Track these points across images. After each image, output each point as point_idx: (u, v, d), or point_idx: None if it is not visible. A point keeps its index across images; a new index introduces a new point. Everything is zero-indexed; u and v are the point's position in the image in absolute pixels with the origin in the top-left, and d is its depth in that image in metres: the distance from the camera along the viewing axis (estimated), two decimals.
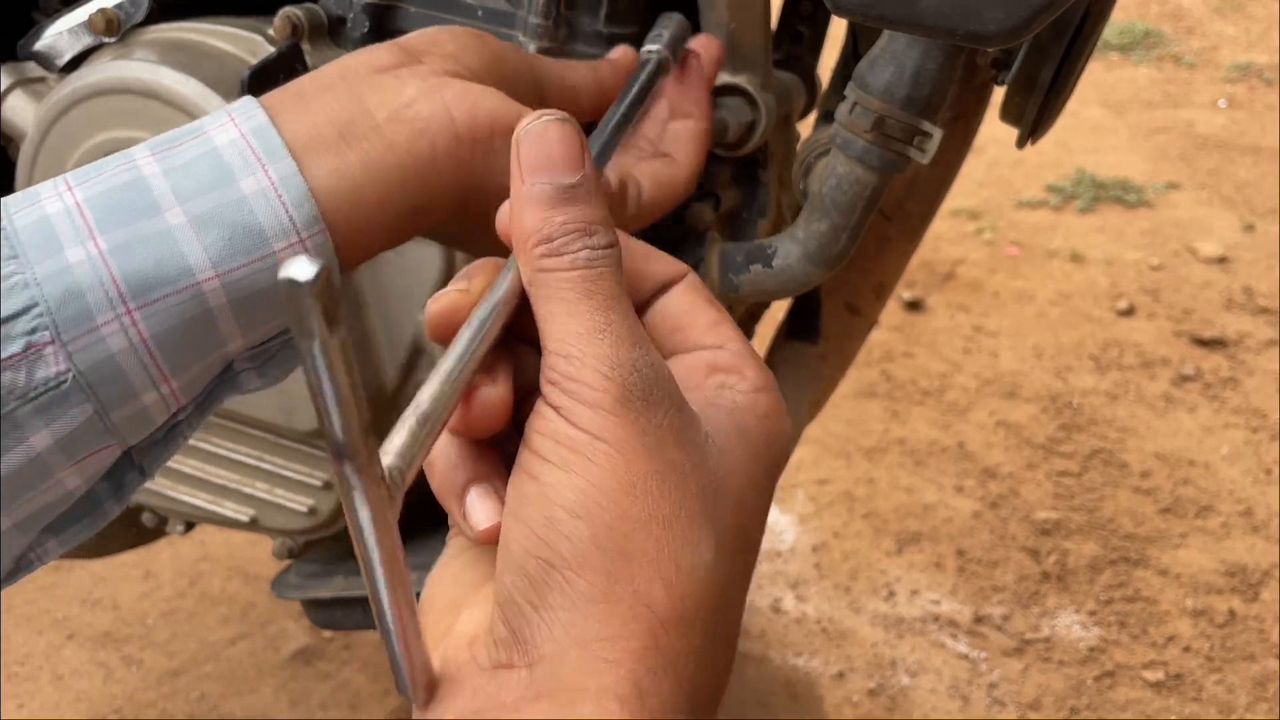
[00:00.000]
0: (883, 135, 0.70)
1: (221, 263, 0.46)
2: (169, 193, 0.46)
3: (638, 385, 0.40)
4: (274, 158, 0.48)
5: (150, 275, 0.45)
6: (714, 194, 0.85)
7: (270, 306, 0.48)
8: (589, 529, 0.39)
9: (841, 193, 0.73)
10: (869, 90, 0.70)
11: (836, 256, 0.76)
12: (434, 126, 0.51)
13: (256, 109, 0.50)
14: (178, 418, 0.50)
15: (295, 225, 0.47)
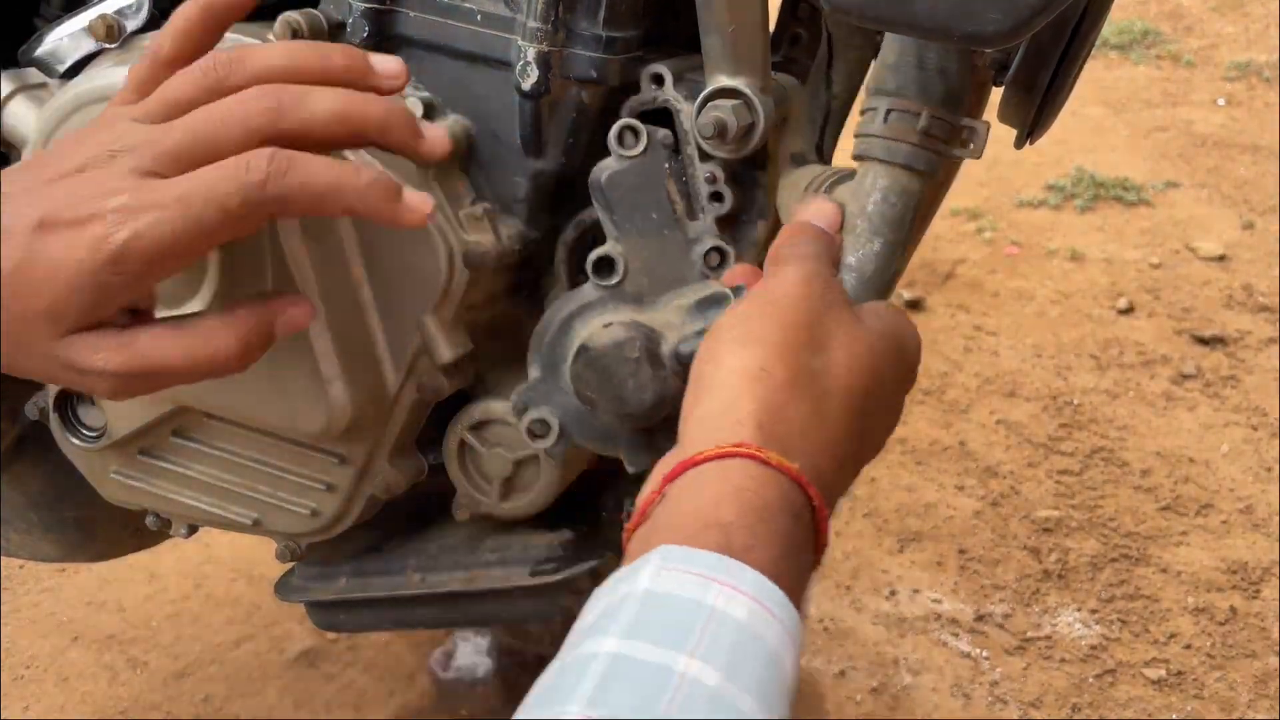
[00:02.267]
0: (929, 137, 0.69)
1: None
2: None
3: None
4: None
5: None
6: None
7: None
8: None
9: (890, 206, 0.71)
10: (903, 93, 0.69)
11: (894, 277, 0.73)
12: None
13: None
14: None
15: None
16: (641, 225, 0.75)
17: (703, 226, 0.79)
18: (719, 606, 0.48)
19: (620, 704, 0.44)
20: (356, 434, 0.89)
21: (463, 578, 0.98)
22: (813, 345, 0.61)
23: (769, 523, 0.53)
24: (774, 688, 0.47)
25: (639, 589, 0.49)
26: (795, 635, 0.50)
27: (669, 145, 0.77)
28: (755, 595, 0.49)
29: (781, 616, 0.49)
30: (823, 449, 0.59)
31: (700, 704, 0.44)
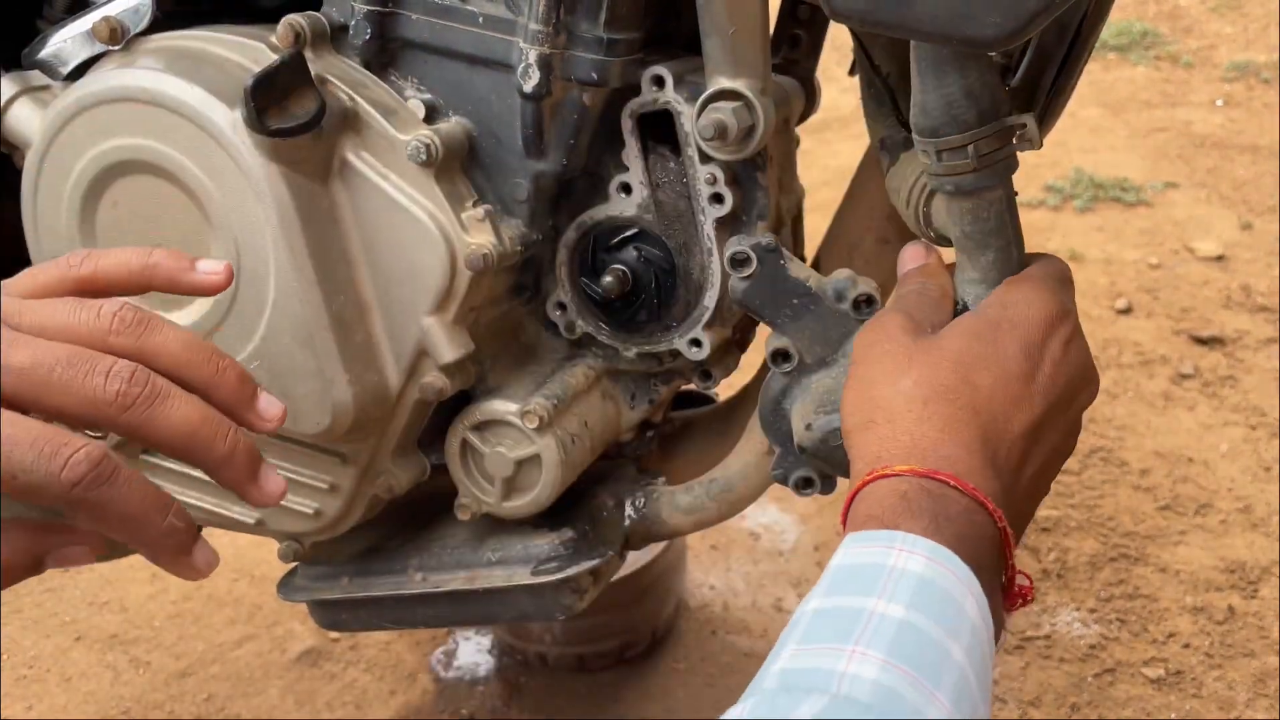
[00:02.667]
0: (983, 157, 0.71)
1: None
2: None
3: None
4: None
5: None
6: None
7: None
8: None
9: (983, 220, 0.73)
10: (942, 132, 0.70)
11: (1019, 267, 0.76)
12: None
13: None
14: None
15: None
16: (790, 314, 0.81)
17: (841, 280, 0.82)
18: (898, 565, 0.57)
19: (822, 635, 0.55)
20: (359, 434, 0.90)
21: (464, 577, 0.98)
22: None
23: (939, 508, 0.61)
24: (955, 619, 0.55)
25: (831, 565, 0.60)
26: (972, 586, 0.57)
27: (773, 247, 0.80)
28: (929, 555, 0.57)
29: (954, 569, 0.57)
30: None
31: (890, 628, 0.54)
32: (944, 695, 0.52)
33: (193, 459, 0.60)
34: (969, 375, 0.66)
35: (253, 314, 0.84)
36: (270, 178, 0.80)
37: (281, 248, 0.81)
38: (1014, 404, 0.66)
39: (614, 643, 1.66)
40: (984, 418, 0.65)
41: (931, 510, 0.60)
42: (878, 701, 0.51)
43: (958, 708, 0.52)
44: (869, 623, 0.54)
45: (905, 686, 0.51)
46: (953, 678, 0.53)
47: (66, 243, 0.87)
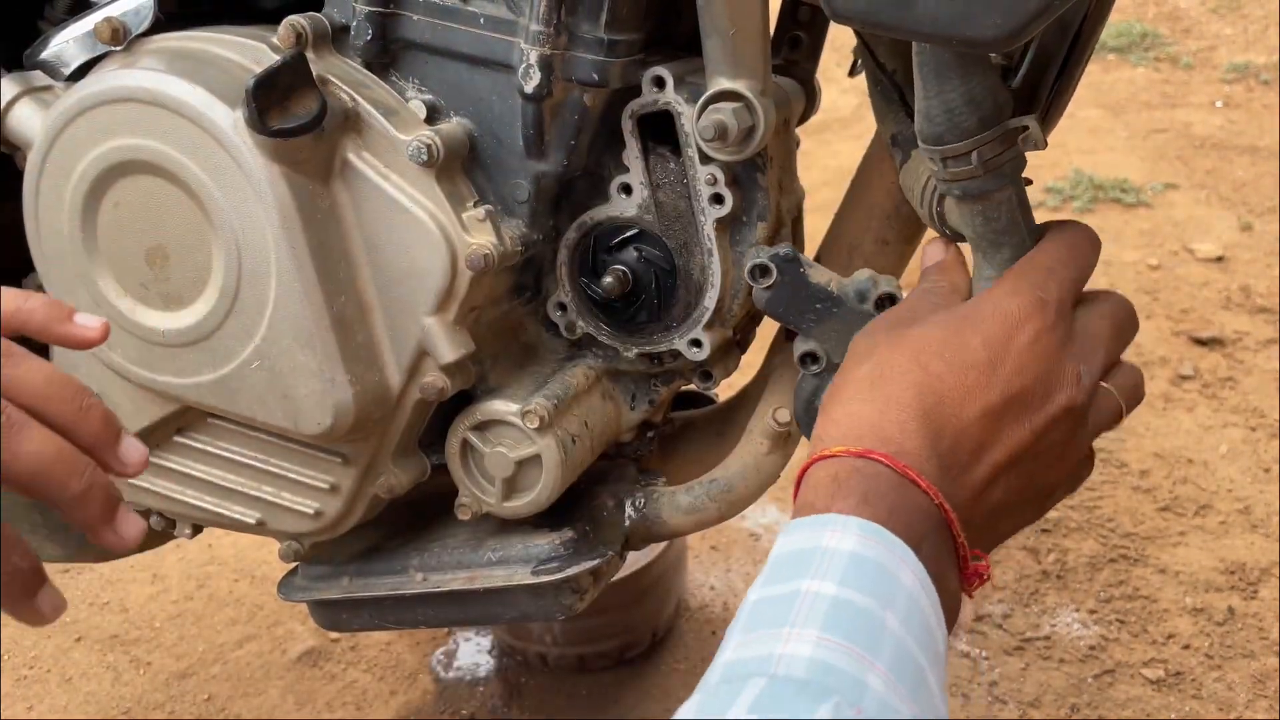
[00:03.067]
0: (988, 162, 0.71)
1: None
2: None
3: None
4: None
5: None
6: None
7: None
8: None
9: (995, 220, 0.74)
10: (945, 140, 0.71)
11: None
12: None
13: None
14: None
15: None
16: (815, 318, 0.83)
17: (862, 281, 0.83)
18: (829, 545, 0.58)
19: (758, 623, 0.56)
20: (360, 434, 0.90)
21: (465, 577, 0.98)
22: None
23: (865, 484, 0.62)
24: (888, 589, 0.56)
25: (770, 556, 0.60)
26: (907, 558, 0.58)
27: (792, 256, 0.82)
28: (861, 533, 0.58)
29: (886, 543, 0.58)
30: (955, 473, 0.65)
31: (824, 605, 0.55)
32: (882, 663, 0.53)
33: (44, 495, 0.58)
34: (923, 360, 0.66)
35: (254, 314, 0.84)
36: (271, 178, 0.80)
37: (283, 248, 0.81)
38: (967, 391, 0.65)
39: (614, 643, 1.66)
40: (929, 400, 0.65)
41: (862, 489, 0.61)
42: (815, 676, 0.51)
43: (898, 674, 0.53)
44: (803, 604, 0.55)
45: (841, 658, 0.52)
46: (890, 646, 0.54)
47: (68, 243, 0.87)
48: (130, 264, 0.87)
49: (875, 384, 0.66)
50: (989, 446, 0.66)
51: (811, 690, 0.50)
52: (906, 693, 0.53)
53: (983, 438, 0.66)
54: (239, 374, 0.86)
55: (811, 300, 0.82)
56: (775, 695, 0.50)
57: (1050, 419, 0.67)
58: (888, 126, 0.86)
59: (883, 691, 0.52)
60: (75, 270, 0.88)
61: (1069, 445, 0.69)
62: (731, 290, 0.88)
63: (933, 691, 0.55)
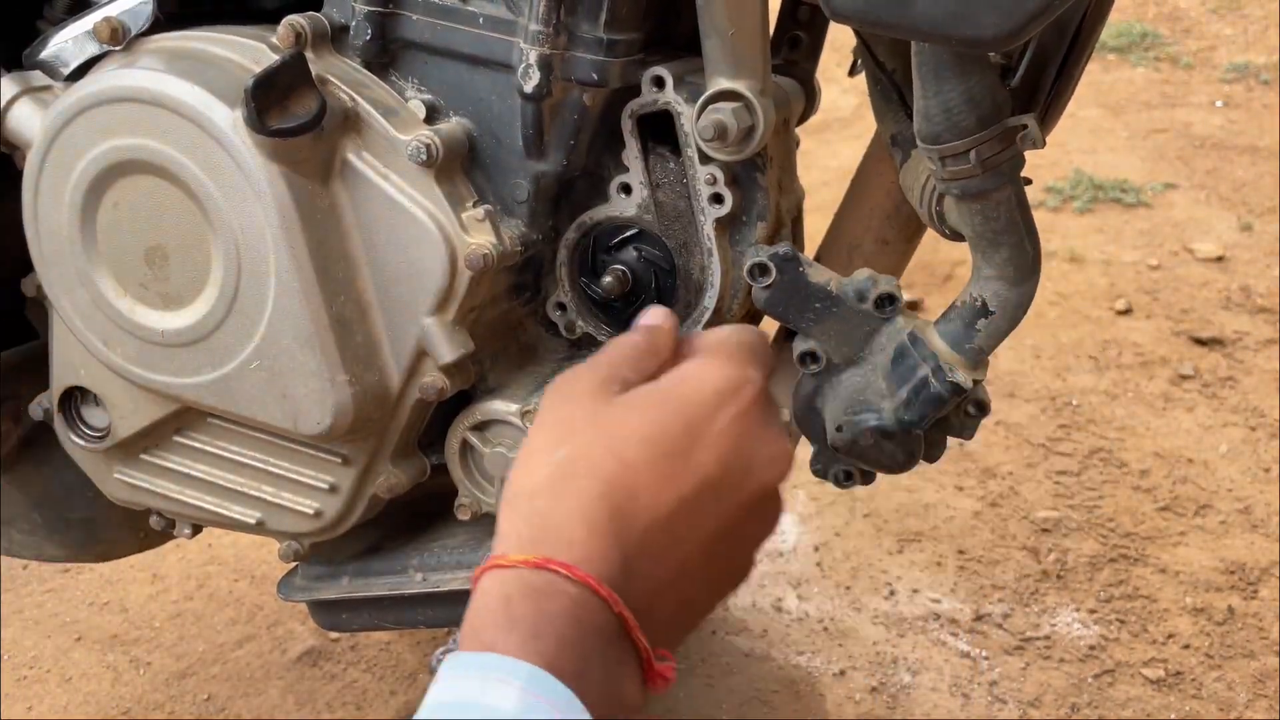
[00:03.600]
0: (987, 161, 0.71)
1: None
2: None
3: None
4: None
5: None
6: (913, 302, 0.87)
7: None
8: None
9: (993, 219, 0.74)
10: (943, 139, 0.71)
11: (1034, 261, 0.77)
12: None
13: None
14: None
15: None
16: (814, 317, 0.82)
17: (861, 280, 0.82)
18: (491, 701, 0.53)
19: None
20: (359, 434, 0.90)
21: (464, 577, 0.98)
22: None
23: (549, 624, 0.57)
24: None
25: (428, 697, 0.56)
26: (571, 710, 0.54)
27: (791, 255, 0.82)
28: (525, 686, 0.54)
29: (552, 698, 0.54)
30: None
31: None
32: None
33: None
34: (619, 449, 0.62)
35: (253, 314, 0.84)
36: (271, 178, 0.80)
37: (282, 248, 0.81)
38: (663, 482, 0.61)
39: None
40: (620, 496, 0.61)
41: (532, 617, 0.57)
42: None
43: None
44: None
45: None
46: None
47: (67, 243, 0.87)
48: (129, 264, 0.87)
49: (566, 477, 0.62)
50: (683, 538, 0.62)
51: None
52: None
53: (677, 529, 0.62)
54: (238, 374, 0.86)
55: (811, 300, 0.82)
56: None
57: (747, 503, 0.65)
58: (887, 126, 0.86)
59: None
60: (74, 270, 0.88)
61: (762, 526, 0.67)
62: (731, 290, 0.88)
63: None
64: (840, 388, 0.84)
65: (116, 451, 0.98)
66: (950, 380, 0.78)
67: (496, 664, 0.55)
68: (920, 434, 0.82)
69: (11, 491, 1.13)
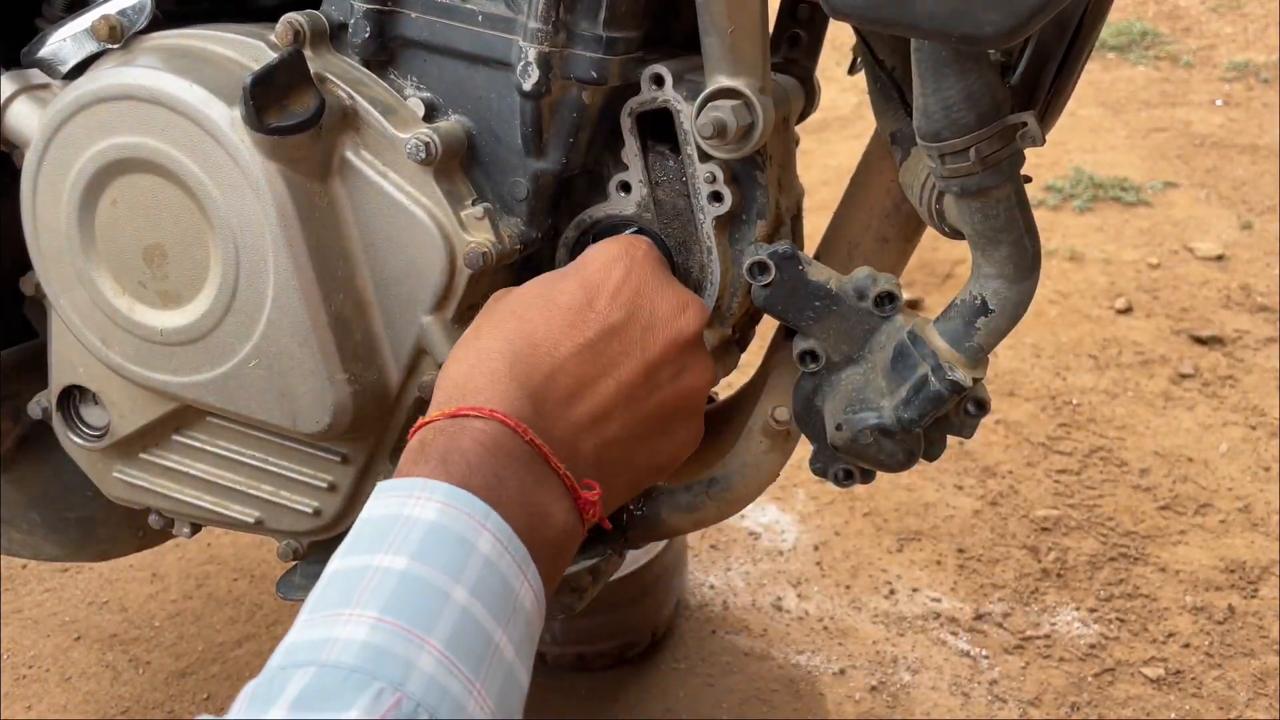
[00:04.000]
0: (986, 158, 0.71)
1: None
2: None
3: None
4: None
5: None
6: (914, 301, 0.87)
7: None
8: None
9: (993, 217, 0.74)
10: (943, 136, 0.71)
11: (1034, 259, 0.77)
12: None
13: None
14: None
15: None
16: (813, 316, 0.83)
17: (861, 279, 0.83)
18: (411, 513, 0.59)
19: (328, 601, 0.56)
20: (358, 433, 0.90)
21: None
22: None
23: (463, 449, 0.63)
24: (461, 560, 0.57)
25: (361, 518, 0.61)
26: (489, 521, 0.59)
27: (791, 254, 0.82)
28: (446, 500, 0.59)
29: (470, 511, 0.59)
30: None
31: (390, 582, 0.56)
32: (437, 640, 0.54)
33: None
34: (518, 310, 0.70)
35: (252, 312, 0.84)
36: (269, 176, 0.80)
37: (280, 246, 0.81)
38: (561, 330, 0.69)
39: (614, 642, 1.66)
40: (519, 344, 0.68)
41: (442, 450, 0.62)
42: (364, 662, 0.52)
43: (456, 648, 0.54)
44: (370, 581, 0.56)
45: (395, 641, 0.53)
46: (451, 619, 0.55)
47: (66, 241, 0.87)
48: (128, 262, 0.87)
49: (470, 341, 0.70)
50: (592, 381, 0.69)
51: (356, 679, 0.51)
52: (466, 665, 0.54)
53: (582, 373, 0.68)
54: (237, 372, 0.86)
55: (810, 298, 0.82)
56: (320, 687, 0.51)
57: (661, 348, 0.71)
58: (887, 124, 0.86)
59: (432, 670, 0.53)
60: (73, 268, 0.88)
61: (688, 373, 0.73)
62: (730, 288, 0.88)
63: (503, 656, 0.57)
64: (840, 386, 0.84)
65: (115, 450, 0.98)
66: (950, 379, 0.78)
67: (418, 485, 0.61)
68: (920, 432, 0.82)
69: (10, 491, 1.13)
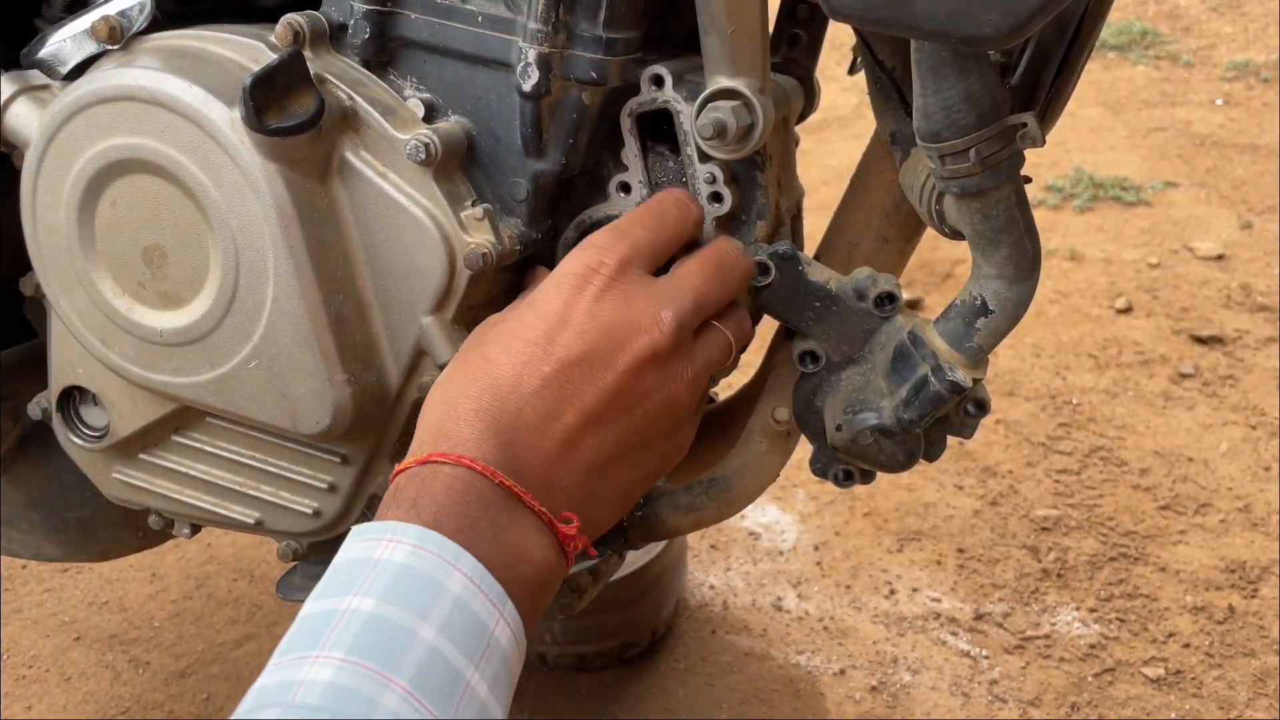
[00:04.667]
0: (986, 159, 0.71)
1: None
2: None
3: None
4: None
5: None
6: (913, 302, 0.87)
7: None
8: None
9: (993, 218, 0.74)
10: (942, 137, 0.71)
11: (1034, 259, 0.77)
12: None
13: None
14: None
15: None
16: (813, 316, 0.82)
17: (861, 279, 0.83)
18: (381, 555, 0.60)
19: (296, 644, 0.56)
20: (358, 434, 0.90)
21: None
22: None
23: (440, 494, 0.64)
24: (430, 599, 0.58)
25: (334, 563, 0.61)
26: (461, 562, 0.60)
27: (790, 254, 0.82)
28: (416, 543, 0.60)
29: (441, 552, 0.60)
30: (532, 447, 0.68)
31: (357, 623, 0.56)
32: (402, 678, 0.54)
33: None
34: (485, 351, 0.70)
35: (251, 313, 0.84)
36: (269, 177, 0.79)
37: (280, 247, 0.81)
38: (522, 368, 0.69)
39: (614, 643, 1.66)
40: (482, 386, 0.68)
41: (413, 495, 0.63)
42: (328, 703, 0.52)
43: (422, 686, 0.55)
44: (338, 623, 0.57)
45: (360, 680, 0.54)
46: (416, 658, 0.55)
47: (65, 242, 0.87)
48: (128, 263, 0.87)
49: (441, 385, 0.70)
50: (557, 413, 0.68)
51: (322, 717, 0.52)
52: (434, 703, 0.55)
53: (547, 407, 0.68)
54: (237, 373, 0.86)
55: (810, 298, 0.82)
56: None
57: (627, 370, 0.70)
58: (887, 124, 0.86)
59: (396, 706, 0.53)
60: (72, 269, 0.88)
61: (661, 389, 0.72)
62: None
63: (475, 693, 0.57)
64: (840, 387, 0.83)
65: (115, 451, 0.98)
66: (950, 379, 0.78)
67: (389, 528, 0.61)
68: (920, 433, 0.82)
69: (10, 491, 1.12)
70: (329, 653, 0.55)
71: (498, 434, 0.67)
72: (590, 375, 0.69)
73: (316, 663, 0.55)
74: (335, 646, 0.55)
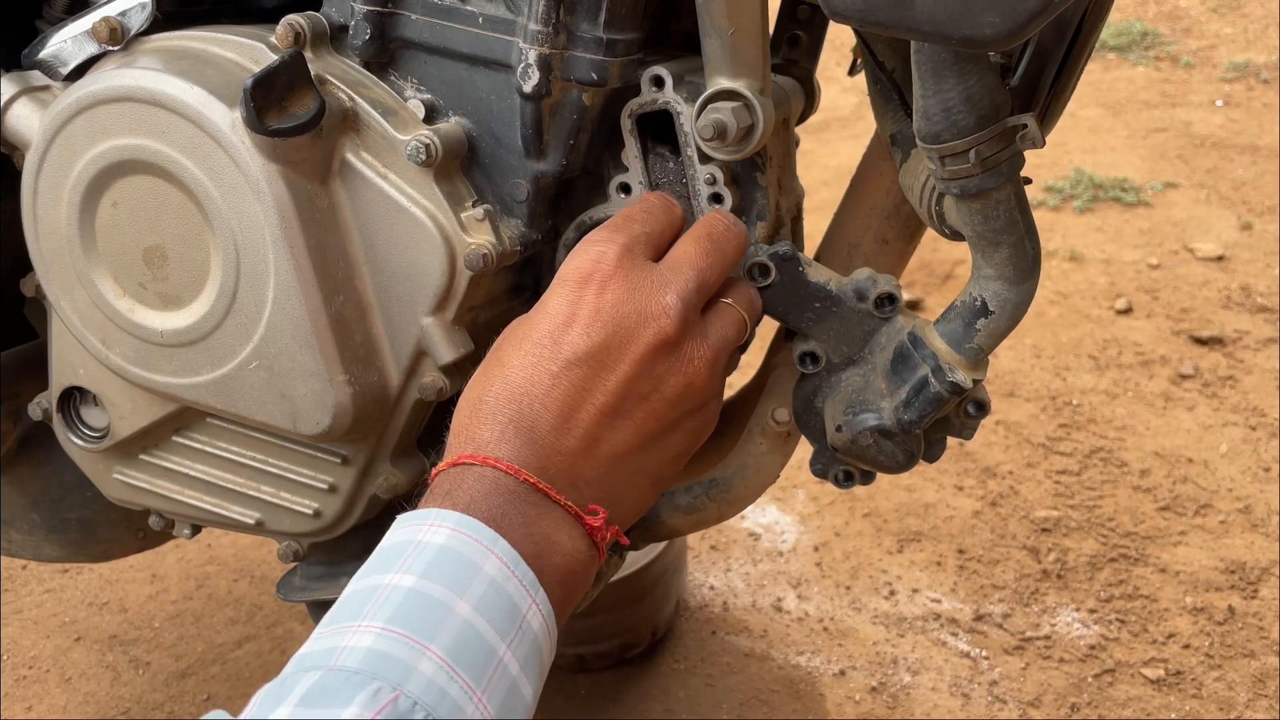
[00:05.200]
0: (986, 160, 0.71)
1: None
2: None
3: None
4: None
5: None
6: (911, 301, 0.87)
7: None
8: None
9: (995, 218, 0.74)
10: (943, 138, 0.71)
11: (1034, 260, 0.77)
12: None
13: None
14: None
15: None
16: (814, 317, 0.83)
17: (861, 280, 0.83)
18: (423, 538, 0.63)
19: (339, 617, 0.60)
20: (359, 435, 0.90)
21: None
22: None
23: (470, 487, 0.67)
24: (467, 579, 0.61)
25: (379, 546, 0.65)
26: (496, 546, 0.63)
27: (791, 255, 0.82)
28: (455, 527, 0.63)
29: (478, 537, 0.63)
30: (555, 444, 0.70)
31: (398, 597, 0.60)
32: (439, 647, 0.58)
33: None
34: (501, 355, 0.72)
35: (252, 314, 0.84)
36: (270, 178, 0.80)
37: (281, 248, 0.81)
38: (534, 369, 0.70)
39: (614, 643, 1.66)
40: (502, 387, 0.70)
41: (446, 488, 0.67)
42: (367, 665, 0.56)
43: (457, 656, 0.58)
44: (379, 597, 0.60)
45: (397, 647, 0.57)
46: (453, 630, 0.59)
47: (66, 243, 0.87)
48: (128, 263, 0.87)
49: (468, 390, 0.72)
50: (573, 409, 0.70)
51: (357, 680, 0.55)
52: (468, 673, 0.58)
53: (562, 405, 0.70)
54: (237, 374, 0.86)
55: (810, 299, 0.82)
56: (323, 688, 0.55)
57: (638, 360, 0.71)
58: (887, 125, 0.86)
59: (432, 673, 0.57)
60: (73, 270, 0.88)
61: (676, 373, 0.73)
62: None
63: (507, 670, 0.60)
64: (840, 387, 0.84)
65: (115, 452, 0.98)
66: (950, 380, 0.78)
67: (431, 514, 0.65)
68: (920, 434, 0.82)
69: (10, 491, 1.13)
70: (369, 622, 0.58)
71: (518, 433, 0.69)
72: (601, 369, 0.71)
73: (357, 631, 0.58)
74: (375, 617, 0.58)
